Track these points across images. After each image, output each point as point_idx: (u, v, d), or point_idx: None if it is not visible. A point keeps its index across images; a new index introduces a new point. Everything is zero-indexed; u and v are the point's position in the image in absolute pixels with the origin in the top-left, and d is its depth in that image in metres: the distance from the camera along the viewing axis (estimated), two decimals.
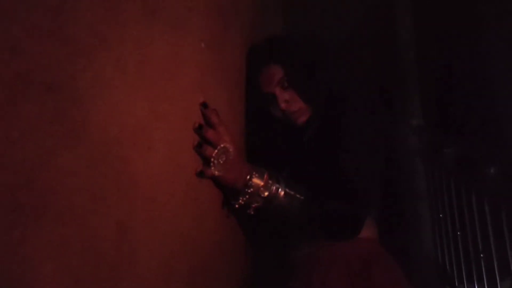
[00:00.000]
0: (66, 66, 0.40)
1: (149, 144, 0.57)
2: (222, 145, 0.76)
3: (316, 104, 1.03)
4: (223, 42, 0.91)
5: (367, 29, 2.31)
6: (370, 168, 0.95)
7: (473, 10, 2.49)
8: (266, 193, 0.84)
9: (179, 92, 0.68)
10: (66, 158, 0.40)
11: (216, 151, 0.75)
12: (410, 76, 2.28)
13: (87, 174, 0.44)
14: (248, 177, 0.82)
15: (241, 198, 0.83)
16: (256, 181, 0.83)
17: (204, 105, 0.76)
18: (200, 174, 0.74)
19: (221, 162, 0.77)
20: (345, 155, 0.93)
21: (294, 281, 0.98)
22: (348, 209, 0.89)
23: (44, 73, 0.37)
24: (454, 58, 2.44)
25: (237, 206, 0.84)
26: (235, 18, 1.02)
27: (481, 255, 1.55)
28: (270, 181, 0.85)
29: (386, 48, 2.32)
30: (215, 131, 0.76)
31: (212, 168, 0.75)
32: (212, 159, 0.75)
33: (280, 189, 0.86)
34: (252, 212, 0.86)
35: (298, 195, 0.88)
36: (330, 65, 1.12)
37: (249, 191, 0.82)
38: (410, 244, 2.03)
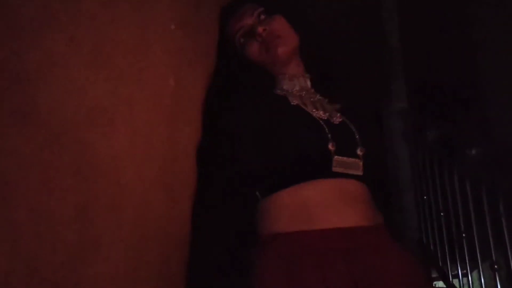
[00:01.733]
0: (8, 43, 0.38)
1: (111, 127, 0.55)
2: None
3: (307, 38, 0.94)
4: (195, 23, 0.89)
5: (351, 14, 2.30)
6: None
7: None
8: None
9: (147, 75, 0.66)
10: (13, 139, 0.39)
11: None
12: (395, 59, 2.28)
13: (39, 156, 0.42)
14: None
15: None
16: None
17: None
18: None
19: None
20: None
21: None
22: None
23: None
24: (438, 42, 2.44)
25: None
26: None
27: (463, 235, 1.57)
28: None
29: (370, 33, 2.31)
30: None
31: None
32: None
33: None
34: None
35: None
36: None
37: None
38: (395, 226, 2.05)
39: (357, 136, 0.86)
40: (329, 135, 0.82)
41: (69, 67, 0.46)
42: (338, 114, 0.90)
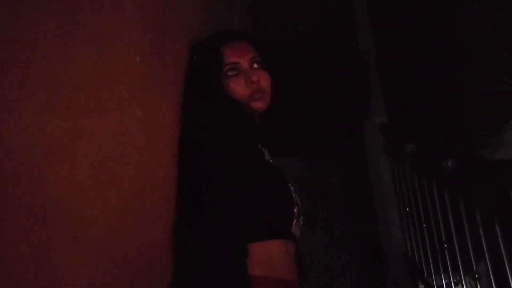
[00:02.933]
0: None
1: (72, 162, 0.56)
2: None
3: (277, 96, 1.02)
4: (162, 53, 0.91)
5: (327, 32, 2.35)
6: None
7: (430, 8, 2.57)
8: None
9: (109, 109, 0.67)
10: None
11: None
12: (373, 77, 2.33)
13: None
14: None
15: None
16: None
17: None
18: None
19: None
20: None
21: None
22: None
23: None
24: (415, 57, 2.50)
25: None
26: (178, 27, 1.02)
27: (445, 246, 1.59)
28: None
29: (347, 50, 2.37)
30: None
31: None
32: None
33: None
34: None
35: None
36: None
37: None
38: (381, 240, 2.06)
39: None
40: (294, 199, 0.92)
41: (23, 110, 0.48)
42: None
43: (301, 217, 0.93)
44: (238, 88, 0.96)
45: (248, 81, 0.96)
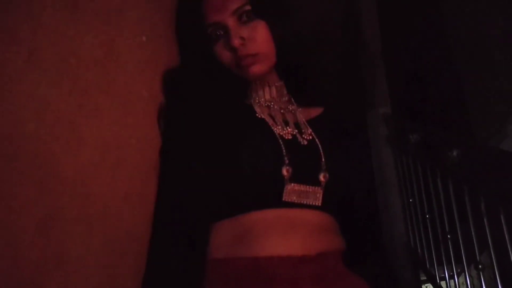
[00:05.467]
0: None
1: (78, 139, 0.55)
2: None
3: (286, 48, 0.81)
4: (169, 35, 0.89)
5: (332, 21, 2.33)
6: None
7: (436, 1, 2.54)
8: None
9: (116, 87, 0.66)
10: None
11: None
12: (377, 66, 2.31)
13: None
14: None
15: None
16: None
17: None
18: None
19: None
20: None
21: None
22: None
23: None
24: (419, 48, 2.49)
25: None
26: None
27: (448, 237, 1.58)
28: None
29: (352, 39, 2.35)
30: None
31: None
32: None
33: None
34: None
35: None
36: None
37: None
38: (384, 231, 2.06)
39: (322, 160, 0.76)
40: (286, 158, 0.72)
41: (30, 82, 0.47)
42: (309, 131, 0.81)
43: (320, 174, 0.75)
44: (223, 55, 0.79)
45: (227, 46, 0.78)
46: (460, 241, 1.49)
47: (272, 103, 0.84)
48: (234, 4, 0.77)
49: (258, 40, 0.78)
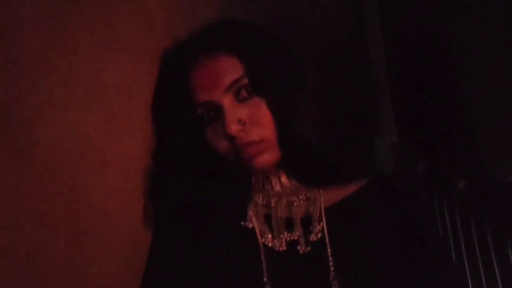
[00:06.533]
0: (10, 89, 0.43)
1: (103, 162, 0.59)
2: None
3: (302, 133, 0.60)
4: None
5: (337, 49, 2.39)
6: None
7: (443, 24, 2.61)
8: None
9: (136, 112, 0.71)
10: (11, 175, 0.43)
11: None
12: (383, 94, 2.35)
13: (35, 191, 0.46)
14: None
15: None
16: None
17: None
18: None
19: None
20: None
21: None
22: None
23: None
24: (425, 75, 2.53)
25: None
26: None
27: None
28: None
29: (357, 68, 2.40)
30: None
31: None
32: None
33: None
34: None
35: None
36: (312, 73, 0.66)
37: None
38: None
39: (331, 272, 0.54)
40: (265, 276, 0.54)
41: (65, 110, 0.51)
42: (320, 225, 0.58)
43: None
44: (218, 143, 0.61)
45: (228, 133, 0.58)
46: (468, 273, 1.48)
47: (281, 197, 0.63)
48: (228, 77, 0.58)
49: (262, 121, 0.59)
